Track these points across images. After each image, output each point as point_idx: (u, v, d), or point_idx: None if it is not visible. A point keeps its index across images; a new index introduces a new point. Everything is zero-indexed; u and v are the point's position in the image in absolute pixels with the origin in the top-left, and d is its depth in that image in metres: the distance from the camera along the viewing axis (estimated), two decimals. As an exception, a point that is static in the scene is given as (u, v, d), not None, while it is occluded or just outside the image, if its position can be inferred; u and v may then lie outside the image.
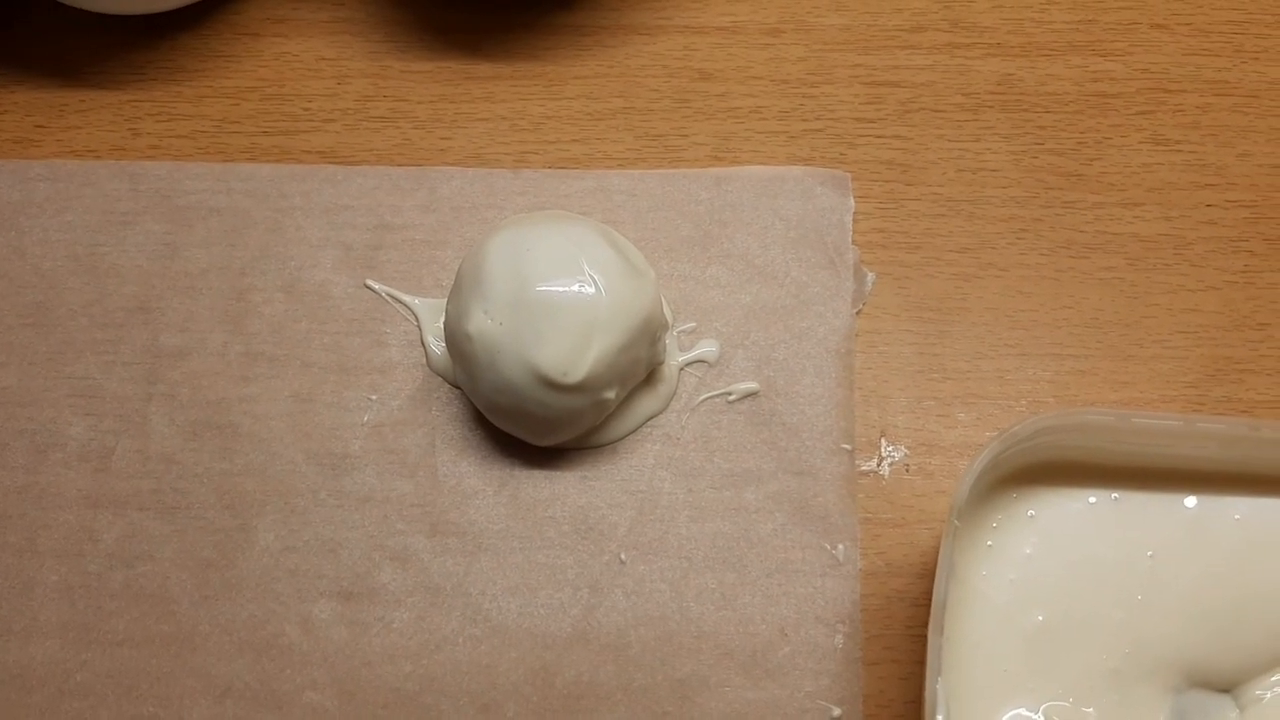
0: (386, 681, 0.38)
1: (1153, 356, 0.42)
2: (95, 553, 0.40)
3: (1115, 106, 0.46)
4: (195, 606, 0.39)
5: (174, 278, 0.43)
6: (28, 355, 0.42)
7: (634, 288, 0.38)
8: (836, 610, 0.39)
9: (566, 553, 0.39)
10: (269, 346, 0.42)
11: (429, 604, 0.39)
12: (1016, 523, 0.37)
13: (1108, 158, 0.45)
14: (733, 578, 0.39)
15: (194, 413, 0.41)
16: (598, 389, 0.38)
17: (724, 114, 0.45)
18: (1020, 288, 0.43)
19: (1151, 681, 0.35)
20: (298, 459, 0.40)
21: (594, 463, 0.41)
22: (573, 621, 0.39)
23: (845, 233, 0.43)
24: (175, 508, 0.40)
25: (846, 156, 0.45)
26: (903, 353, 0.42)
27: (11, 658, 0.39)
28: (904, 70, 0.46)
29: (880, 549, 0.40)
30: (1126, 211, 0.44)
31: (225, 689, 0.38)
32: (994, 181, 0.44)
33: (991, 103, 0.46)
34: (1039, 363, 0.42)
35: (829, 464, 0.40)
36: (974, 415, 0.41)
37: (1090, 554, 0.36)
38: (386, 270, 0.43)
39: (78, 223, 0.43)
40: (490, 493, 0.40)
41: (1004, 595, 0.36)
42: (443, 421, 0.41)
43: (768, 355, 0.41)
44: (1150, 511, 0.37)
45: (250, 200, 0.44)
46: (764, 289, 0.42)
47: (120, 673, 0.38)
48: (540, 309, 0.37)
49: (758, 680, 0.38)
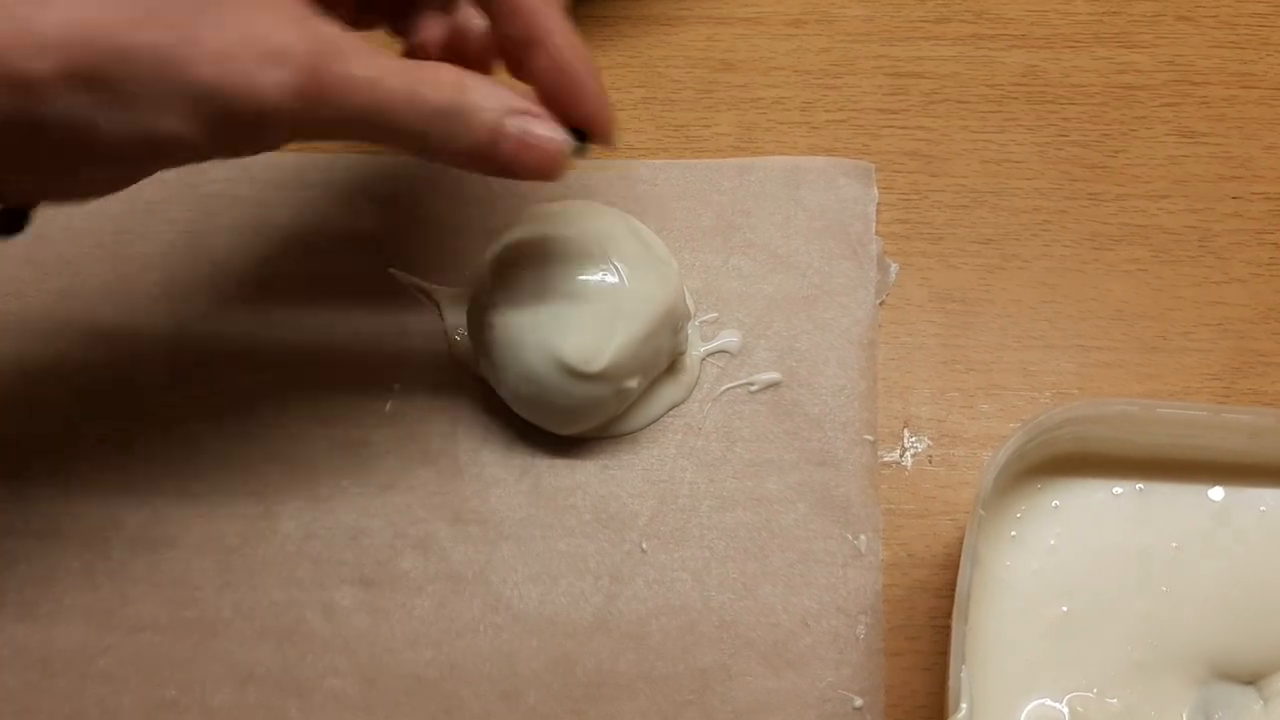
0: (408, 668, 0.38)
1: (1178, 349, 0.42)
2: (119, 539, 0.40)
3: (1140, 99, 0.46)
4: (218, 593, 0.39)
5: (198, 266, 0.43)
6: (51, 343, 0.42)
7: (657, 277, 0.38)
8: (858, 601, 0.38)
9: (588, 541, 0.39)
10: (291, 335, 0.42)
11: (450, 591, 0.39)
12: (1041, 513, 0.36)
13: (1133, 150, 0.45)
14: (754, 568, 0.39)
15: (216, 400, 0.41)
16: (620, 378, 0.38)
17: (746, 105, 0.45)
18: (1044, 279, 0.43)
19: (1176, 673, 0.35)
20: (320, 446, 0.41)
21: (615, 452, 0.40)
22: (594, 610, 0.39)
23: (869, 223, 0.43)
24: (198, 495, 0.40)
25: (870, 148, 0.45)
26: (926, 344, 0.42)
27: (35, 642, 0.39)
28: (928, 61, 0.46)
29: (902, 540, 0.40)
30: (1152, 204, 0.44)
31: (247, 675, 0.38)
32: (1018, 173, 0.44)
33: (1016, 94, 0.46)
34: (1063, 354, 0.42)
35: (851, 454, 0.40)
36: (997, 406, 0.41)
37: (1115, 545, 0.36)
38: (409, 259, 0.43)
39: (103, 210, 0.43)
40: (512, 481, 0.40)
41: (1028, 586, 0.36)
42: (464, 410, 0.41)
43: (790, 345, 0.41)
44: (1175, 503, 0.36)
45: (273, 189, 0.44)
46: (787, 279, 0.42)
47: (143, 658, 0.38)
48: (563, 298, 0.37)
49: (779, 670, 0.38)
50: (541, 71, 0.32)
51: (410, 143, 0.31)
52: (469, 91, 0.30)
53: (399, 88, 0.29)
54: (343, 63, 0.28)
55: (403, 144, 0.31)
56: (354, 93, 0.29)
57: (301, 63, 0.28)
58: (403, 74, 0.29)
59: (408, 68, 0.30)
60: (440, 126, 0.30)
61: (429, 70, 0.30)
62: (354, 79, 0.29)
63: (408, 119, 0.30)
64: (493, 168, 0.32)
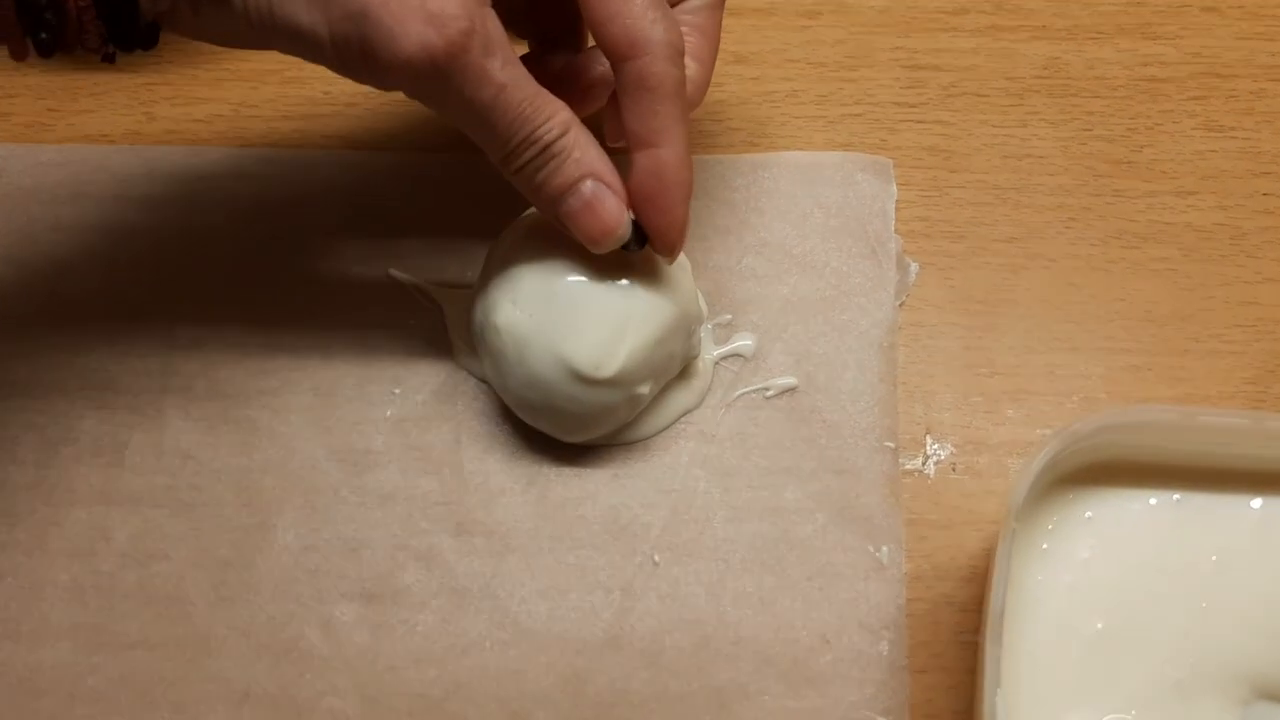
0: (411, 687, 0.37)
1: (1210, 351, 0.40)
2: (108, 551, 0.38)
3: (1166, 92, 0.44)
4: (212, 608, 0.38)
5: (190, 267, 0.41)
6: (39, 346, 0.40)
7: (669, 279, 0.36)
8: (881, 616, 0.37)
9: (598, 554, 0.38)
10: (288, 338, 0.40)
11: (455, 606, 0.37)
12: (1073, 525, 0.35)
13: (1159, 144, 0.43)
14: (772, 581, 0.37)
15: (211, 406, 0.40)
16: (631, 384, 0.36)
17: (759, 98, 0.44)
18: (1070, 279, 0.41)
19: (1217, 693, 0.34)
20: (318, 455, 0.39)
21: (625, 460, 0.39)
22: (604, 626, 0.37)
23: (887, 221, 0.41)
24: (191, 505, 0.39)
25: (887, 142, 0.43)
26: (948, 346, 0.40)
27: (20, 661, 0.37)
28: (946, 53, 0.45)
29: (926, 551, 0.38)
30: (1180, 200, 0.42)
31: (243, 695, 0.37)
32: (1041, 169, 0.43)
33: (1037, 87, 0.44)
34: (1091, 357, 0.40)
35: (872, 462, 0.38)
36: (1023, 412, 0.39)
37: (1151, 558, 0.35)
38: (410, 259, 0.41)
39: (91, 209, 0.42)
40: (518, 491, 0.39)
41: (1060, 601, 0.34)
42: (468, 416, 0.39)
43: (807, 349, 0.40)
44: (1214, 513, 0.35)
45: (269, 187, 0.42)
46: (803, 280, 0.41)
47: (133, 677, 0.37)
48: (571, 301, 0.35)
49: (798, 689, 0.36)
50: (642, 170, 0.33)
51: (497, 151, 0.32)
52: (571, 141, 0.32)
53: (517, 103, 0.31)
54: (487, 55, 0.30)
55: (491, 149, 0.33)
56: (481, 86, 0.30)
57: (452, 36, 0.29)
58: (528, 93, 0.31)
59: (534, 90, 0.31)
60: (529, 156, 0.32)
61: (549, 104, 0.32)
62: (488, 74, 0.30)
63: (508, 135, 0.31)
64: (550, 211, 0.34)
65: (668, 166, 0.33)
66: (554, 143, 0.32)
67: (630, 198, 0.34)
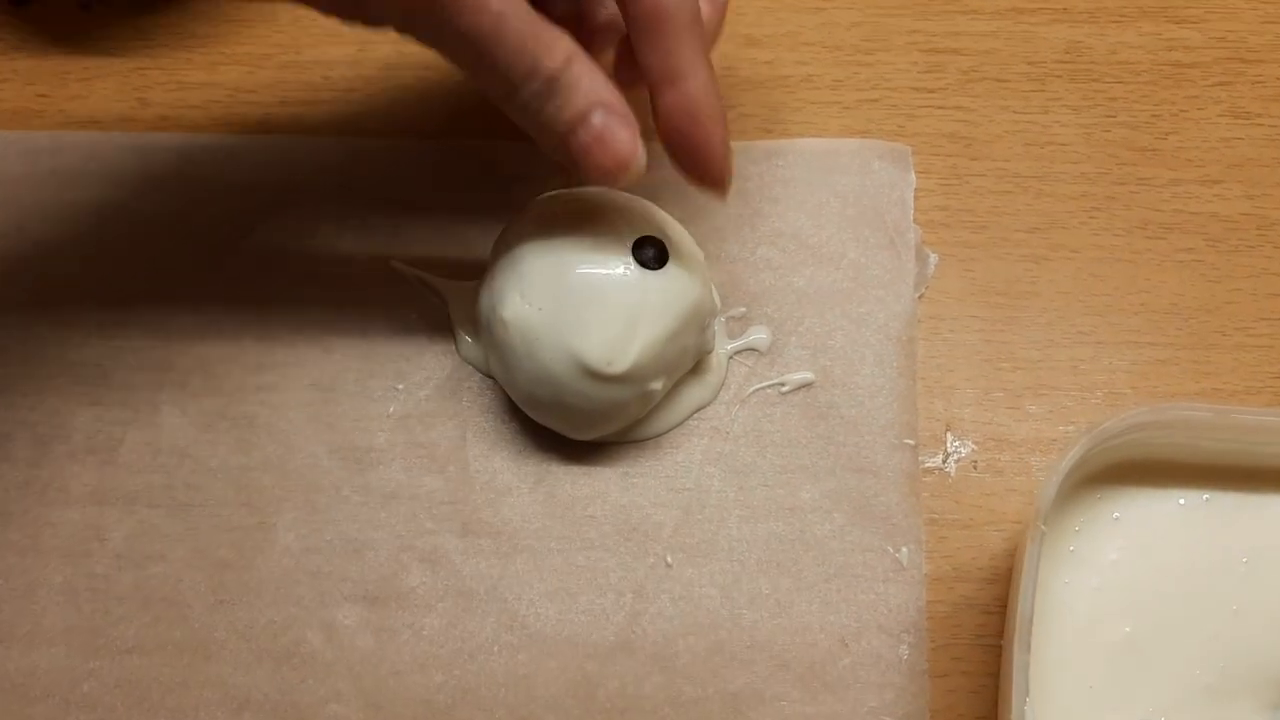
0: (416, 693, 0.36)
1: (1236, 345, 0.39)
2: (103, 553, 0.37)
3: (1191, 77, 0.43)
4: (210, 611, 0.36)
5: (185, 257, 0.40)
6: (30, 340, 0.39)
7: (682, 270, 0.35)
8: (900, 618, 0.36)
9: (608, 555, 0.37)
10: (287, 331, 0.39)
11: (461, 609, 0.36)
12: (1100, 526, 0.34)
13: (1184, 131, 0.42)
14: (788, 583, 0.36)
15: (207, 402, 0.38)
16: (643, 379, 0.35)
17: (773, 83, 0.42)
18: (1094, 270, 0.40)
19: (1248, 698, 0.33)
20: (319, 452, 0.38)
21: (637, 458, 0.38)
22: (616, 629, 0.36)
23: (906, 210, 0.40)
24: (188, 504, 0.37)
25: (905, 129, 0.42)
26: (969, 340, 0.39)
27: (13, 666, 0.36)
28: (965, 37, 0.43)
29: (947, 552, 0.37)
30: (1205, 189, 0.41)
31: (243, 701, 0.36)
32: (1063, 156, 0.42)
33: (1059, 72, 0.43)
34: (1115, 351, 0.39)
35: (890, 460, 0.37)
36: (1046, 408, 0.38)
37: (1180, 560, 0.34)
38: (413, 250, 0.40)
39: (83, 198, 0.41)
40: (525, 490, 0.38)
41: (1087, 604, 0.33)
42: (474, 413, 0.38)
43: (823, 343, 0.39)
44: (1245, 513, 0.34)
45: (266, 175, 0.41)
46: (819, 271, 0.39)
47: (130, 683, 0.36)
48: (582, 294, 0.34)
49: (816, 694, 0.35)
50: (671, 108, 0.32)
51: (498, 88, 0.30)
52: (576, 70, 0.30)
53: (516, 32, 0.29)
54: None
55: (491, 86, 0.31)
56: (477, 14, 0.29)
57: None
58: (527, 23, 0.29)
59: (534, 20, 0.29)
60: (534, 89, 0.30)
61: (550, 32, 0.30)
62: (483, 0, 0.28)
63: (509, 66, 0.30)
64: (559, 150, 0.31)
65: (698, 98, 0.31)
66: (556, 71, 0.30)
67: (664, 140, 0.32)
